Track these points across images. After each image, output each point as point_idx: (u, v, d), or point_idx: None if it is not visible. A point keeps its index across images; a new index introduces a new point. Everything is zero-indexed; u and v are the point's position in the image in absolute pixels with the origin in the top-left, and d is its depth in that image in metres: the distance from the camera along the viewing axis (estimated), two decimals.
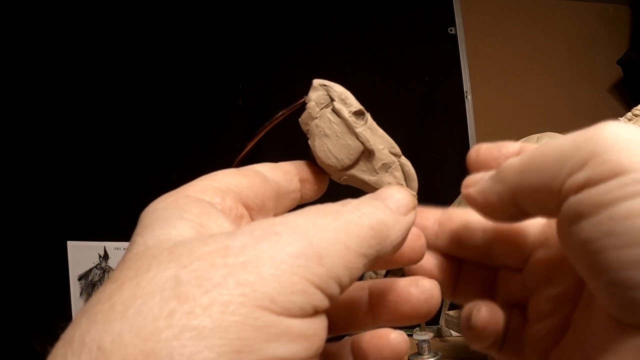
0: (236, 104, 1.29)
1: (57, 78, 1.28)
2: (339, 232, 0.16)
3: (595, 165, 0.16)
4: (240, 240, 0.15)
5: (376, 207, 0.18)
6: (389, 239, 0.18)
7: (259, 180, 0.21)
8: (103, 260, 1.24)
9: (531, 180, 0.19)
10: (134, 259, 0.15)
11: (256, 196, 0.20)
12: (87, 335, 0.13)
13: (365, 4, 1.32)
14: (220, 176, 0.20)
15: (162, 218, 0.17)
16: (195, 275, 0.14)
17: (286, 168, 0.23)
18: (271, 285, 0.14)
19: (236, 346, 0.13)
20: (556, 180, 0.17)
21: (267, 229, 0.16)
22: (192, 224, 0.17)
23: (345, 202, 0.18)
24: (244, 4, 1.30)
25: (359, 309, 0.23)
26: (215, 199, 0.19)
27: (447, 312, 0.87)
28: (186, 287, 0.14)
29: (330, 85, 0.25)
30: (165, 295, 0.14)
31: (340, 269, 0.16)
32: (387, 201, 0.19)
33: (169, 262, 0.15)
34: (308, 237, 0.15)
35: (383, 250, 0.18)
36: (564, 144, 0.17)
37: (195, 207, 0.18)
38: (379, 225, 0.17)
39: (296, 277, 0.15)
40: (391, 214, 0.19)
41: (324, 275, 0.15)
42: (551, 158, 0.18)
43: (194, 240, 0.15)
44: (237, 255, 0.15)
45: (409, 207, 0.20)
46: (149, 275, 0.14)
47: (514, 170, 0.20)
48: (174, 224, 0.17)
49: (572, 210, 0.17)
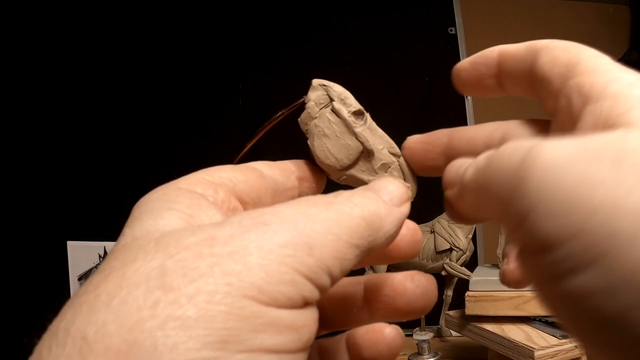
0: (236, 104, 1.29)
1: (57, 78, 1.28)
2: (329, 222, 0.16)
3: (525, 234, 0.15)
4: (228, 230, 0.15)
5: (369, 198, 0.18)
6: (381, 230, 0.18)
7: (255, 176, 0.21)
8: (103, 260, 1.24)
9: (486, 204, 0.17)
10: (122, 250, 0.15)
11: (251, 190, 0.20)
12: (72, 326, 0.13)
13: (365, 4, 1.32)
14: (214, 170, 0.20)
15: (151, 209, 0.17)
16: (181, 265, 0.14)
17: (283, 166, 0.23)
18: (258, 274, 0.14)
19: (221, 336, 0.13)
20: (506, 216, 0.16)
21: (256, 219, 0.15)
22: (182, 214, 0.17)
23: (337, 194, 0.18)
24: (244, 4, 1.30)
25: (354, 304, 0.23)
26: (208, 191, 0.19)
27: (447, 312, 0.87)
28: (171, 277, 0.14)
29: (330, 85, 0.25)
30: (150, 285, 0.13)
31: (330, 259, 0.16)
32: (381, 192, 0.19)
33: (156, 252, 0.14)
34: (298, 227, 0.15)
35: (376, 242, 0.17)
36: (504, 176, 0.15)
37: (186, 198, 0.18)
38: (371, 216, 0.17)
39: (284, 267, 0.14)
40: (384, 205, 0.18)
41: (314, 265, 0.15)
42: (497, 190, 0.16)
43: (182, 231, 0.15)
44: (224, 245, 0.14)
45: (403, 199, 0.19)
46: (135, 265, 0.14)
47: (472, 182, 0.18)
48: (162, 214, 0.17)
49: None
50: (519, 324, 0.74)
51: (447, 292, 1.01)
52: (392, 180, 0.20)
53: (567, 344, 0.66)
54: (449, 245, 0.97)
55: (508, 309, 0.75)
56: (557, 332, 0.69)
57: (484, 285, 0.78)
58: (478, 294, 0.77)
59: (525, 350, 0.65)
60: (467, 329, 0.80)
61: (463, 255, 0.97)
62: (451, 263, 0.97)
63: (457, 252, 0.96)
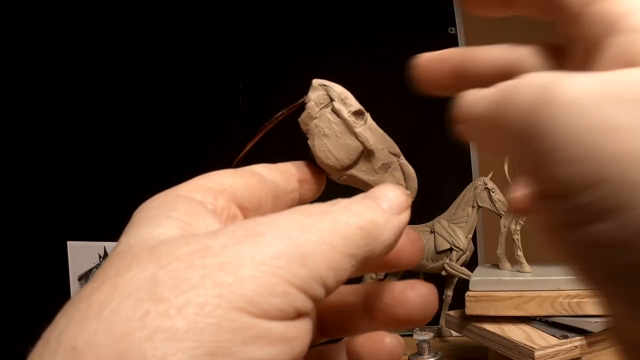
0: (236, 104, 1.29)
1: (57, 78, 1.28)
2: (325, 232, 0.16)
3: (542, 177, 0.14)
4: (221, 240, 0.15)
5: (367, 206, 0.18)
6: (379, 239, 0.17)
7: (256, 181, 0.21)
8: (103, 260, 1.24)
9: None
10: (116, 258, 0.15)
11: (252, 196, 0.20)
12: (64, 335, 0.13)
13: (365, 4, 1.32)
14: (214, 176, 0.20)
15: (148, 217, 0.17)
16: (172, 276, 0.14)
17: (284, 168, 0.23)
18: (249, 286, 0.14)
19: (210, 348, 0.13)
20: None
21: (250, 229, 0.15)
22: (179, 222, 0.17)
23: (335, 202, 0.18)
24: (244, 4, 1.30)
25: (355, 312, 0.22)
26: (207, 198, 0.19)
27: (447, 312, 0.87)
28: (162, 288, 0.14)
29: (330, 85, 0.25)
30: (141, 295, 0.13)
31: (324, 270, 0.15)
32: (380, 200, 0.19)
33: (148, 262, 0.14)
34: (292, 237, 0.15)
35: (374, 251, 0.17)
36: (520, 113, 0.14)
37: (185, 205, 0.18)
38: (368, 225, 0.17)
39: (276, 278, 0.14)
40: (383, 213, 0.18)
41: (307, 276, 0.15)
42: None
43: (176, 240, 0.15)
44: (217, 255, 0.14)
45: (402, 207, 0.19)
46: (128, 275, 0.14)
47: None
48: (159, 222, 0.17)
49: None
50: (519, 324, 0.74)
51: (447, 292, 1.01)
52: (392, 187, 0.20)
53: (567, 344, 0.66)
54: (449, 245, 0.97)
55: (508, 309, 0.75)
56: (557, 332, 0.69)
57: (484, 285, 0.78)
58: (478, 294, 0.77)
59: (525, 350, 0.65)
60: (467, 329, 0.80)
61: (463, 255, 0.97)
62: (451, 263, 0.97)
63: (457, 252, 0.96)
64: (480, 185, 0.96)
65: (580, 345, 0.67)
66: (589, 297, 0.71)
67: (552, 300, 0.73)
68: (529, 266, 0.81)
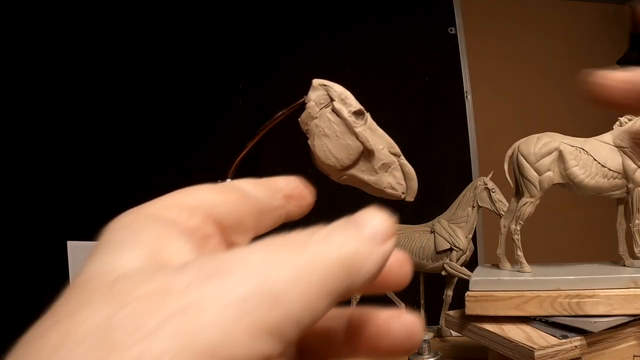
0: (236, 104, 1.29)
1: (58, 78, 1.28)
2: (300, 268, 0.15)
3: None
4: (186, 277, 0.14)
5: (348, 236, 0.16)
6: (361, 271, 0.16)
7: (236, 196, 0.20)
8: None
9: None
10: (76, 291, 0.15)
11: (232, 213, 0.19)
12: None
13: (365, 4, 1.32)
14: (192, 192, 0.19)
15: (114, 241, 0.16)
16: (127, 322, 0.13)
17: (270, 183, 0.22)
18: (211, 334, 0.13)
19: None
20: None
21: (219, 265, 0.14)
22: (147, 248, 0.16)
23: (314, 231, 0.16)
24: (244, 4, 1.30)
25: (336, 339, 0.21)
26: (181, 216, 0.18)
27: (447, 312, 0.87)
28: (116, 335, 0.13)
29: (330, 85, 0.25)
30: (93, 342, 0.13)
31: (299, 310, 0.14)
32: (364, 227, 0.17)
33: (106, 300, 0.14)
34: (263, 275, 0.14)
35: (354, 285, 0.16)
36: None
37: (154, 227, 0.17)
38: (349, 258, 0.16)
39: (243, 323, 0.13)
40: (365, 243, 0.17)
41: (278, 319, 0.14)
42: None
43: (137, 275, 0.14)
44: (179, 296, 0.13)
45: (386, 235, 0.18)
46: (83, 315, 0.13)
47: None
48: (124, 248, 0.16)
49: None
50: (519, 324, 0.74)
51: (447, 292, 1.01)
52: (377, 213, 0.18)
53: (567, 344, 0.66)
54: (449, 245, 0.97)
55: (508, 309, 0.75)
56: (557, 332, 0.69)
57: (484, 285, 0.78)
58: (478, 294, 0.77)
59: (525, 350, 0.65)
60: (467, 329, 0.80)
61: (463, 255, 0.97)
62: (451, 263, 0.96)
63: (457, 252, 0.96)
64: (480, 185, 0.96)
65: (580, 345, 0.67)
66: (589, 297, 0.71)
67: (552, 300, 0.73)
68: (529, 266, 0.81)
